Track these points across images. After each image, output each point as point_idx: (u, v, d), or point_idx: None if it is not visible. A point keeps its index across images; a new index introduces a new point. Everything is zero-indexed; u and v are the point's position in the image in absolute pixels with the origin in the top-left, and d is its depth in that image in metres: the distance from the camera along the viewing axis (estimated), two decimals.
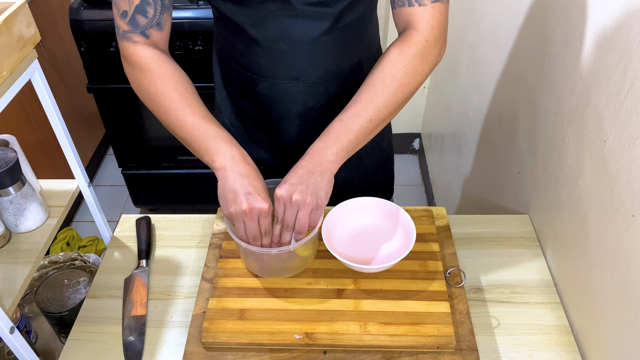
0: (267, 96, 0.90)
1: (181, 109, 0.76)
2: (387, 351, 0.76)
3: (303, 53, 0.84)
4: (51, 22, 2.02)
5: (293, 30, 0.81)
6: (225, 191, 0.74)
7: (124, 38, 0.78)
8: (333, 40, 0.84)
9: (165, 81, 0.77)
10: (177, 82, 0.77)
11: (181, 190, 2.09)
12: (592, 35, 0.77)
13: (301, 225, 0.74)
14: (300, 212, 0.73)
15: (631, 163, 0.67)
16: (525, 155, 1.06)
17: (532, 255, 0.94)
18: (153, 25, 0.78)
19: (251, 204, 0.72)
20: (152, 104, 0.79)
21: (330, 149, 0.76)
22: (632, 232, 0.67)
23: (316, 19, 0.80)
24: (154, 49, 0.78)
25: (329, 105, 0.91)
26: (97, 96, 1.79)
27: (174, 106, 0.77)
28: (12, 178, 0.83)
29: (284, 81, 0.87)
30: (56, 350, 1.15)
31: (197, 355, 0.77)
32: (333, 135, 0.77)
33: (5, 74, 0.73)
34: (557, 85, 0.90)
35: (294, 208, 0.73)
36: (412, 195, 2.28)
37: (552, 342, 0.81)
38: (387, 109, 0.78)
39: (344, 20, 0.82)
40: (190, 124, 0.76)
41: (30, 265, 0.83)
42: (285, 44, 0.82)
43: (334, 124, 0.78)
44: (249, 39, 0.84)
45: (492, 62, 1.29)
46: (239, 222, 0.74)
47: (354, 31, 0.86)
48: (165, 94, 0.77)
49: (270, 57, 0.85)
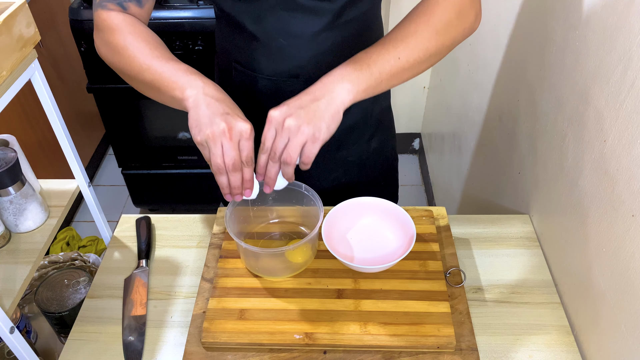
0: (267, 94, 0.89)
1: (150, 55, 0.71)
2: (387, 351, 0.76)
3: (303, 49, 0.83)
4: (51, 22, 2.02)
5: (292, 25, 0.81)
6: (199, 116, 0.64)
7: (100, 7, 0.75)
8: (334, 37, 0.83)
9: (133, 35, 0.73)
10: (147, 36, 0.74)
11: (181, 190, 2.09)
12: (592, 35, 0.77)
13: (290, 156, 0.65)
14: (291, 140, 0.65)
15: (631, 163, 0.67)
16: (525, 155, 1.06)
17: (532, 255, 0.94)
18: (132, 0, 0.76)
19: (230, 123, 0.63)
20: (119, 58, 0.74)
21: (349, 76, 0.66)
22: (632, 232, 0.67)
23: (316, 14, 0.80)
24: (127, 14, 0.76)
25: None
26: (97, 96, 1.79)
27: (141, 53, 0.71)
28: (12, 178, 0.83)
29: (284, 79, 0.87)
30: (56, 350, 1.15)
31: (197, 355, 0.77)
32: (354, 63, 0.67)
33: (5, 74, 0.73)
34: (557, 85, 0.90)
35: (286, 135, 0.65)
36: (412, 195, 2.28)
37: (552, 342, 0.81)
38: (418, 53, 0.70)
39: (345, 16, 0.82)
40: (157, 65, 0.70)
41: (30, 265, 0.83)
42: (284, 39, 0.82)
43: (358, 55, 0.69)
44: (249, 35, 0.83)
45: (492, 62, 1.29)
46: (216, 145, 0.63)
47: (356, 28, 0.85)
48: (134, 44, 0.72)
49: (269, 54, 0.84)
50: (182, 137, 1.88)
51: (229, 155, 0.64)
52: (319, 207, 0.83)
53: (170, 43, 1.63)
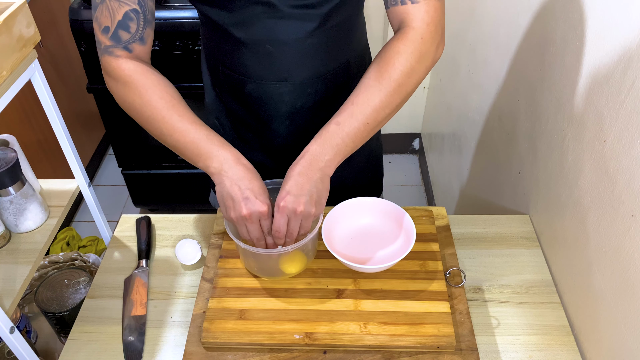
0: (256, 97, 0.90)
1: (169, 117, 0.75)
2: (387, 351, 0.76)
3: (290, 54, 0.84)
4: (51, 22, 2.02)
5: (279, 32, 0.81)
6: (224, 197, 0.74)
7: (106, 53, 0.76)
8: (320, 42, 0.84)
9: (150, 91, 0.76)
10: (162, 90, 0.76)
11: (181, 190, 2.09)
12: (592, 35, 0.77)
13: (305, 231, 0.76)
14: (304, 222, 0.75)
15: (631, 163, 0.67)
16: (525, 155, 1.06)
17: (532, 255, 0.94)
18: (136, 40, 0.76)
19: (250, 209, 0.72)
20: (139, 116, 0.78)
21: (328, 153, 0.75)
22: (632, 232, 0.67)
23: (302, 20, 0.80)
24: (136, 61, 0.77)
25: (318, 106, 0.91)
26: (97, 96, 1.79)
27: (161, 115, 0.75)
28: (12, 178, 0.83)
29: (272, 82, 0.87)
30: (56, 350, 1.15)
31: (197, 355, 0.77)
32: (330, 138, 0.75)
33: (5, 74, 0.73)
34: (557, 85, 0.90)
35: (299, 219, 0.74)
36: (412, 195, 2.28)
37: (552, 342, 0.81)
38: (384, 110, 0.76)
39: (331, 21, 0.82)
40: (180, 131, 0.75)
41: (30, 265, 0.83)
42: (271, 45, 0.82)
43: (330, 127, 0.76)
44: (235, 41, 0.83)
45: (492, 62, 1.29)
46: (240, 226, 0.75)
47: (340, 32, 0.85)
48: (152, 104, 0.76)
49: (257, 59, 0.85)
50: None
51: (252, 234, 0.75)
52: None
53: (170, 43, 1.63)
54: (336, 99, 0.89)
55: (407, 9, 0.75)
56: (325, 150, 0.75)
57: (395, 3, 0.77)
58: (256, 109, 0.92)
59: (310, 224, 0.76)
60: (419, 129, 2.39)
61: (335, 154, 0.75)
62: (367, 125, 0.76)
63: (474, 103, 1.46)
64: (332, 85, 0.90)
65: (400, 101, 0.77)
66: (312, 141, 0.76)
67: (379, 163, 1.14)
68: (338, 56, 0.88)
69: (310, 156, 0.75)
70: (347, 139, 0.75)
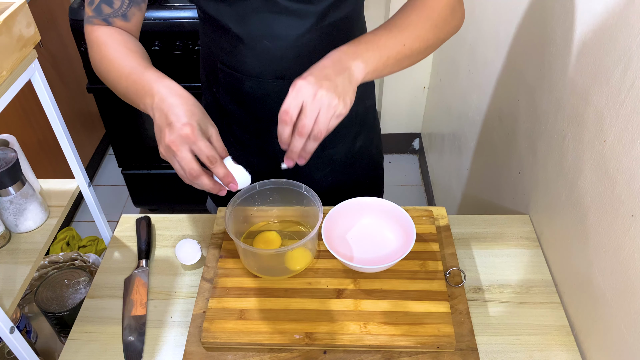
0: (254, 95, 0.90)
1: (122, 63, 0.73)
2: (387, 351, 0.76)
3: (288, 51, 0.83)
4: (51, 22, 2.02)
5: (276, 27, 0.81)
6: (155, 133, 0.64)
7: (88, 22, 0.79)
8: (318, 39, 0.83)
9: (112, 46, 0.76)
10: (123, 45, 0.76)
11: (181, 190, 2.09)
12: (592, 35, 0.77)
13: (320, 132, 0.62)
14: (322, 113, 0.62)
15: (631, 163, 0.67)
16: (525, 155, 1.06)
17: (532, 255, 0.94)
18: (117, 15, 0.78)
19: (171, 135, 0.60)
20: (102, 72, 0.76)
21: (362, 55, 0.65)
22: (632, 232, 0.67)
23: (299, 17, 0.80)
24: (112, 27, 0.78)
25: None
26: (97, 96, 1.79)
27: (117, 63, 0.73)
28: (12, 178, 0.83)
29: (270, 80, 0.87)
30: (56, 350, 1.15)
31: (197, 355, 0.77)
32: (365, 43, 0.67)
33: (5, 74, 0.73)
34: (557, 85, 0.90)
35: (316, 107, 0.61)
36: (412, 195, 2.28)
37: (552, 342, 0.81)
38: (420, 42, 0.71)
39: (329, 19, 0.82)
40: (126, 74, 0.70)
41: (30, 265, 0.83)
42: (269, 41, 0.82)
43: (366, 36, 0.68)
44: (234, 37, 0.84)
45: (492, 62, 1.29)
46: (172, 162, 0.63)
47: (339, 31, 0.85)
48: (109, 56, 0.75)
49: (255, 55, 0.85)
50: None
51: (185, 165, 0.62)
52: (318, 207, 0.83)
53: (170, 43, 1.63)
54: None
55: None
56: (360, 52, 0.66)
57: None
58: (254, 107, 0.92)
59: (329, 120, 0.62)
60: (419, 129, 2.39)
61: (370, 61, 0.66)
62: (404, 47, 0.69)
63: (474, 103, 1.46)
64: None
65: (433, 42, 0.74)
66: (343, 45, 0.68)
67: (379, 172, 1.13)
68: None
69: (338, 54, 0.66)
70: (383, 52, 0.68)
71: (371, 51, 0.67)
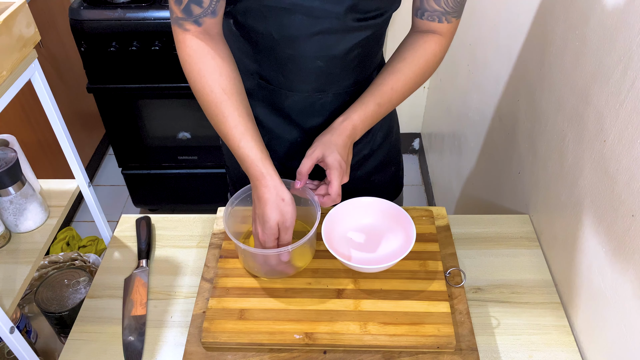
0: (297, 108, 0.90)
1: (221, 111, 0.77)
2: (387, 351, 0.76)
3: (335, 67, 0.84)
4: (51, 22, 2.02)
5: (333, 47, 0.81)
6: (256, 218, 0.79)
7: (176, 24, 0.76)
8: (360, 52, 0.84)
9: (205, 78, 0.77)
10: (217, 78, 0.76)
11: (181, 190, 2.09)
12: (592, 35, 0.77)
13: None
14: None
15: (631, 163, 0.67)
16: (525, 155, 1.06)
17: (532, 255, 0.94)
18: (207, 14, 0.75)
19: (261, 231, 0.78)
20: (197, 98, 0.80)
21: (364, 130, 0.85)
22: (632, 232, 0.67)
23: (356, 33, 0.80)
24: (202, 38, 0.76)
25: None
26: (97, 96, 1.79)
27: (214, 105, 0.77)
28: (12, 178, 0.83)
29: (316, 93, 0.88)
30: (56, 350, 1.15)
31: (197, 355, 0.77)
32: (370, 117, 0.84)
33: (5, 74, 0.73)
34: (557, 85, 0.90)
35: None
36: (412, 195, 2.28)
37: (552, 342, 0.81)
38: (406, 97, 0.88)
39: (378, 30, 0.83)
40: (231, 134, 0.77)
41: (30, 265, 0.83)
42: (322, 61, 0.82)
43: (372, 107, 0.84)
44: (282, 57, 0.83)
45: (492, 62, 1.29)
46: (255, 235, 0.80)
47: (374, 40, 0.86)
48: (206, 90, 0.77)
49: (304, 74, 0.85)
50: (182, 137, 1.88)
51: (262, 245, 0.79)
52: (316, 207, 0.83)
53: (170, 43, 1.63)
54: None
55: (442, 27, 0.83)
56: (364, 128, 0.85)
57: (433, 19, 0.83)
58: (294, 119, 0.92)
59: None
60: (419, 129, 2.39)
61: (365, 131, 0.86)
62: (394, 107, 0.88)
63: (474, 103, 1.46)
64: (364, 89, 0.91)
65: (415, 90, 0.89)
66: (356, 115, 0.84)
67: (399, 158, 1.14)
68: (374, 61, 0.90)
69: (354, 132, 0.84)
70: (379, 119, 0.86)
71: (370, 125, 0.86)
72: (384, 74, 0.86)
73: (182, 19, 0.75)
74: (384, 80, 0.85)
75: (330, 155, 0.80)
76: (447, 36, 0.85)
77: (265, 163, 0.76)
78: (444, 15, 0.81)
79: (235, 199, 0.86)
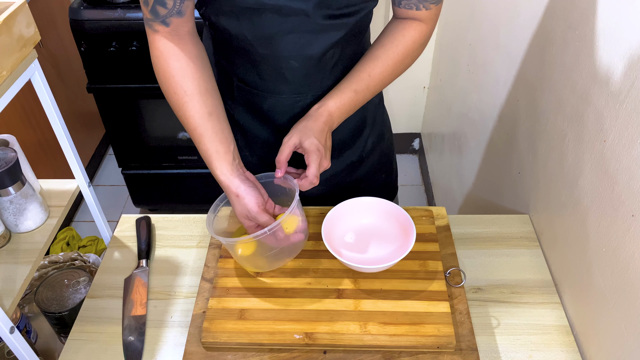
0: (273, 111, 0.90)
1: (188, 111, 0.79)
2: (387, 351, 0.76)
3: (312, 68, 0.84)
4: (51, 22, 2.02)
5: (307, 46, 0.81)
6: (234, 211, 0.82)
7: (147, 24, 0.79)
8: (339, 52, 0.84)
9: (174, 78, 0.79)
10: (184, 78, 0.78)
11: (181, 190, 2.09)
12: (592, 35, 0.77)
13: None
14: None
15: (631, 163, 0.67)
16: (525, 155, 1.06)
17: (532, 255, 0.94)
18: (173, 14, 0.77)
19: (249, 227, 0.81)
20: (166, 97, 0.82)
21: (342, 117, 0.85)
22: (632, 232, 0.67)
23: (332, 32, 0.80)
24: (171, 39, 0.78)
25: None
26: (97, 96, 1.79)
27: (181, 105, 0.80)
28: (12, 178, 0.83)
29: (293, 95, 0.87)
30: (56, 350, 1.15)
31: (197, 355, 0.77)
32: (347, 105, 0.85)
33: (5, 74, 0.73)
34: (557, 85, 0.90)
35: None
36: (412, 195, 2.28)
37: (552, 342, 0.81)
38: (386, 85, 0.88)
39: (354, 29, 0.83)
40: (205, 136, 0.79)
41: (30, 265, 0.83)
42: (296, 61, 0.82)
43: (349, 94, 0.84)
44: (257, 58, 0.83)
45: (492, 62, 1.29)
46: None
47: (357, 39, 0.86)
48: (176, 91, 0.79)
49: (279, 75, 0.84)
50: (182, 137, 1.88)
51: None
52: (294, 185, 0.82)
53: None
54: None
55: (421, 14, 0.83)
56: (341, 115, 0.85)
57: (410, 7, 0.82)
58: (272, 121, 0.92)
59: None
60: (419, 129, 2.39)
61: (343, 118, 0.85)
62: (373, 95, 0.87)
63: (474, 103, 1.46)
64: None
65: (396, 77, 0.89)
66: (332, 102, 0.83)
67: (392, 165, 1.14)
68: (355, 62, 0.89)
69: (330, 118, 0.83)
70: (357, 107, 0.86)
71: (348, 113, 0.86)
72: (362, 61, 0.86)
73: (150, 19, 0.77)
74: (361, 67, 0.85)
75: (307, 140, 0.80)
76: (428, 22, 0.84)
77: (220, 162, 0.79)
78: (421, 2, 0.81)
79: (221, 200, 0.86)
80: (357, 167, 1.02)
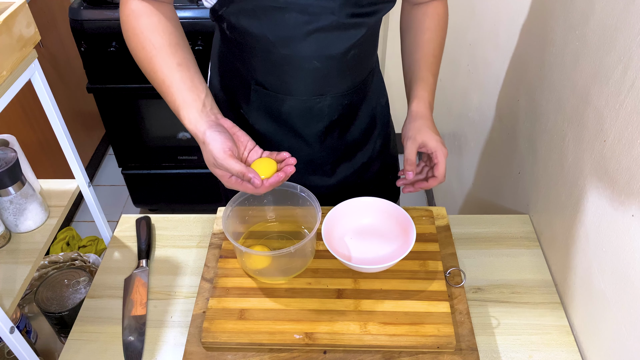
0: (292, 114, 0.89)
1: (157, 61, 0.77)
2: (387, 351, 0.76)
3: (333, 69, 0.83)
4: (51, 22, 2.02)
5: (329, 46, 0.80)
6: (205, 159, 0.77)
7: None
8: (358, 52, 0.84)
9: (145, 33, 0.77)
10: (157, 32, 0.77)
11: (181, 190, 2.09)
12: (592, 35, 0.77)
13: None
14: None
15: (631, 163, 0.67)
16: (525, 155, 1.06)
17: (532, 255, 0.94)
18: None
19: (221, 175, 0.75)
20: (135, 57, 0.80)
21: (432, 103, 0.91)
22: (632, 232, 0.67)
23: (351, 31, 0.80)
24: (142, 1, 0.77)
25: (347, 116, 0.91)
26: (97, 96, 1.79)
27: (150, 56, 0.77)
28: (12, 178, 0.83)
29: (314, 97, 0.86)
30: (56, 350, 1.15)
31: (197, 355, 0.77)
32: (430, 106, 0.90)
33: (5, 74, 0.73)
34: (557, 85, 0.90)
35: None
36: (412, 195, 2.28)
37: (552, 342, 0.81)
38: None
39: (371, 30, 0.83)
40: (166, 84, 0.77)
41: (30, 265, 0.83)
42: (318, 61, 0.81)
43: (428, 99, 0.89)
44: (278, 59, 0.81)
45: (492, 62, 1.29)
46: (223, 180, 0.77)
47: (371, 41, 0.86)
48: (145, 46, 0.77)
49: (301, 76, 0.83)
50: (182, 137, 1.88)
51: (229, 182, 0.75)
52: (316, 207, 0.82)
53: None
54: (361, 106, 0.92)
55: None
56: (433, 100, 0.91)
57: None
58: (291, 125, 0.90)
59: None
60: None
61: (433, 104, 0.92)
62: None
63: (474, 103, 1.46)
64: (362, 94, 0.90)
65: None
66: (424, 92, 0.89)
67: (397, 165, 1.14)
68: (369, 63, 0.89)
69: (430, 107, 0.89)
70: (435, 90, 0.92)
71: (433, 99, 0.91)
72: (416, 47, 0.91)
73: None
74: (423, 52, 0.90)
75: (430, 139, 0.84)
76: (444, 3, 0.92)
77: (187, 111, 0.75)
78: None
79: (234, 200, 0.86)
80: (367, 169, 1.03)
